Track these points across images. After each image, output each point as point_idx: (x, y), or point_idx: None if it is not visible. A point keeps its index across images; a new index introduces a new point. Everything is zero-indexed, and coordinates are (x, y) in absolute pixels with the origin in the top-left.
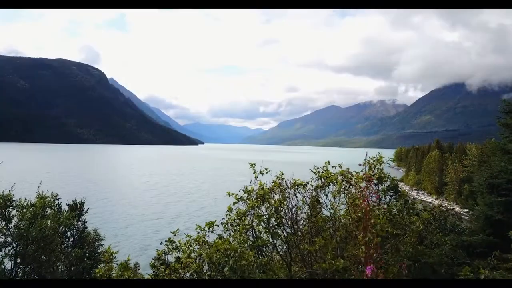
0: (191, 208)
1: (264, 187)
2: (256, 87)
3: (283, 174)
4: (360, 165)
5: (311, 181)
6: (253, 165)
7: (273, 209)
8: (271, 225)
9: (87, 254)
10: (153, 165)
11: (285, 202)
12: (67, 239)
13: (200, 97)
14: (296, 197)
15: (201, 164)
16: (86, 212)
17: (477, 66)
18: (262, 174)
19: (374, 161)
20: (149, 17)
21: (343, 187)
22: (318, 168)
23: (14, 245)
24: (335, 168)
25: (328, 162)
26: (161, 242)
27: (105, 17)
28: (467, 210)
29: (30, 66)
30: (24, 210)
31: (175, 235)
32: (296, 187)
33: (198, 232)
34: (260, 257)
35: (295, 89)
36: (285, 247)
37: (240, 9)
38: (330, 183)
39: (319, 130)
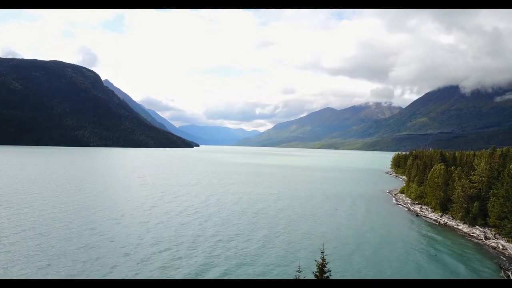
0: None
1: None
2: (253, 89)
3: None
4: None
5: None
6: None
7: None
8: None
9: None
10: (150, 172)
11: None
12: None
13: (196, 99)
14: None
15: (193, 169)
16: None
17: (471, 68)
18: None
19: None
20: (147, 19)
21: None
22: None
23: None
24: None
25: None
26: None
27: (103, 18)
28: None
29: (24, 67)
30: None
31: None
32: None
33: None
34: None
35: (291, 91)
36: None
37: (237, 10)
38: None
39: (315, 132)
